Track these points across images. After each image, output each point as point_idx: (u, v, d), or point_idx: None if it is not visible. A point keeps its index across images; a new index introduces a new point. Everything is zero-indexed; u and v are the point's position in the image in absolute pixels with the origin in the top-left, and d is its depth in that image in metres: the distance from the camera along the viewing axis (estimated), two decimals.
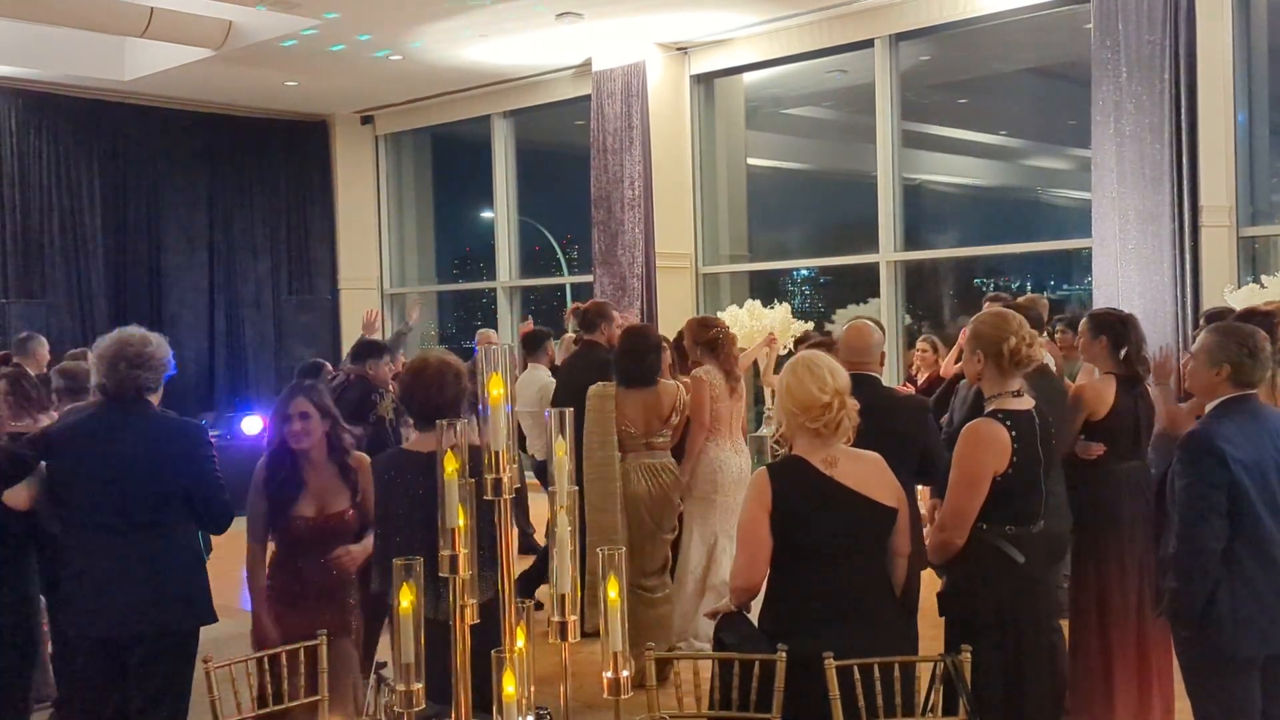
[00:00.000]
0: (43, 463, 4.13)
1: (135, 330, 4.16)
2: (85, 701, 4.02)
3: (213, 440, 4.25)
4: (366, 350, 7.06)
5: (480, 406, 2.23)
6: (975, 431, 3.54)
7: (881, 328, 5.80)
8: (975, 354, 3.64)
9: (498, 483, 2.23)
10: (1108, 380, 4.73)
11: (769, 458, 8.13)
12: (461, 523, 2.24)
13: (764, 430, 9.65)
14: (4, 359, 7.52)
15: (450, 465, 2.22)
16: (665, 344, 6.45)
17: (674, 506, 6.06)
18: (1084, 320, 4.99)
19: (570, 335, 8.41)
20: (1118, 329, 4.78)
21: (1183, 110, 7.97)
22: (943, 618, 3.64)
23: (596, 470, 5.96)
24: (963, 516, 3.50)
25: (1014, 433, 3.50)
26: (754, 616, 3.56)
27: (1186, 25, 7.95)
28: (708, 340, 6.17)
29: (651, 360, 6.09)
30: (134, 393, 4.04)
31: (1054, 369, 6.24)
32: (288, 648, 3.58)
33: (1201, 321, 5.77)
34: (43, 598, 4.79)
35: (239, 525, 4.28)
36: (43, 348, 7.72)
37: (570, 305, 8.46)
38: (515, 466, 2.29)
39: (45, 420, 5.39)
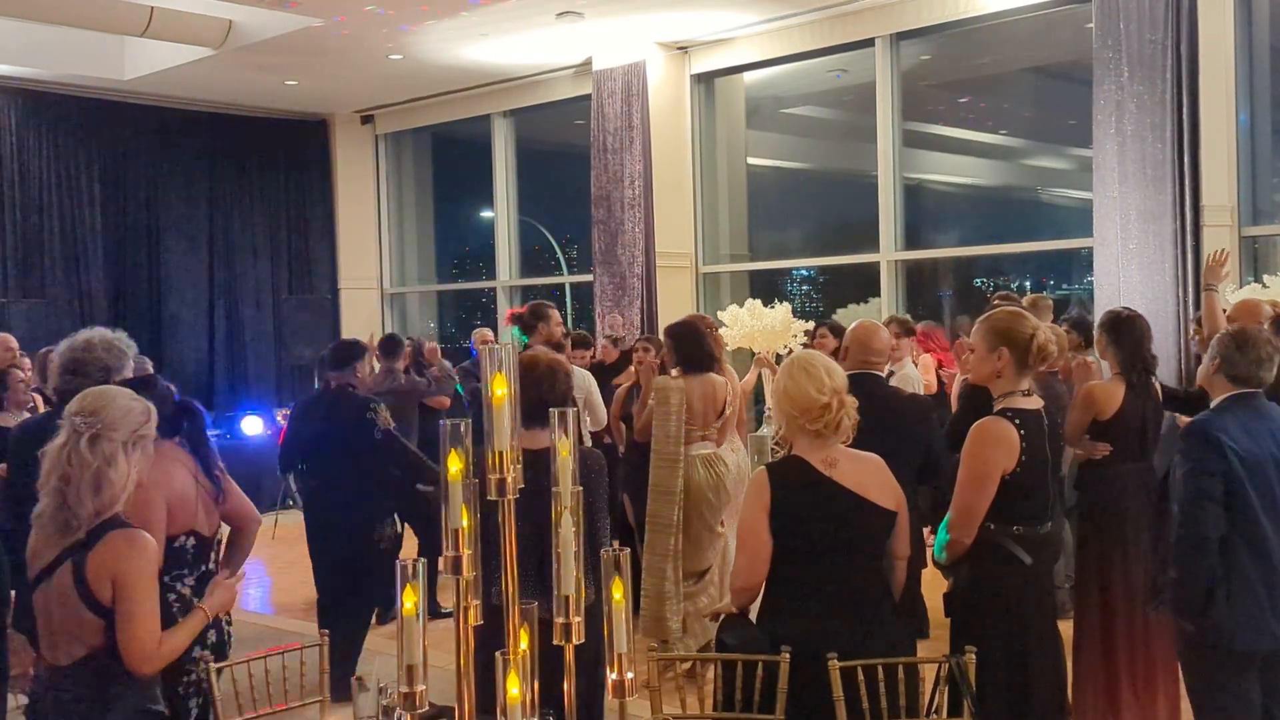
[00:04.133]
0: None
1: (83, 334, 4.10)
2: None
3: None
4: (349, 352, 6.41)
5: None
6: (984, 430, 3.51)
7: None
8: (996, 351, 3.59)
9: (501, 483, 2.22)
10: (1117, 380, 4.73)
11: (769, 458, 8.16)
12: (465, 523, 2.23)
13: (764, 430, 9.64)
14: None
15: (454, 465, 2.21)
16: (715, 332, 6.45)
17: (729, 498, 6.03)
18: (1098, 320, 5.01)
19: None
20: (1116, 328, 4.78)
21: (1184, 110, 7.95)
22: (948, 618, 3.62)
23: (666, 463, 5.89)
24: (971, 515, 3.49)
25: (1023, 431, 3.49)
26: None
27: (1188, 24, 7.94)
28: None
29: (709, 345, 6.09)
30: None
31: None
32: (288, 648, 3.58)
33: (1194, 325, 5.78)
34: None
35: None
36: (6, 349, 7.65)
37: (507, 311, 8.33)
38: (519, 466, 2.28)
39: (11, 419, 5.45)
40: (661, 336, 6.28)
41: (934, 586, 4.33)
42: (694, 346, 6.06)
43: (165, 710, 3.10)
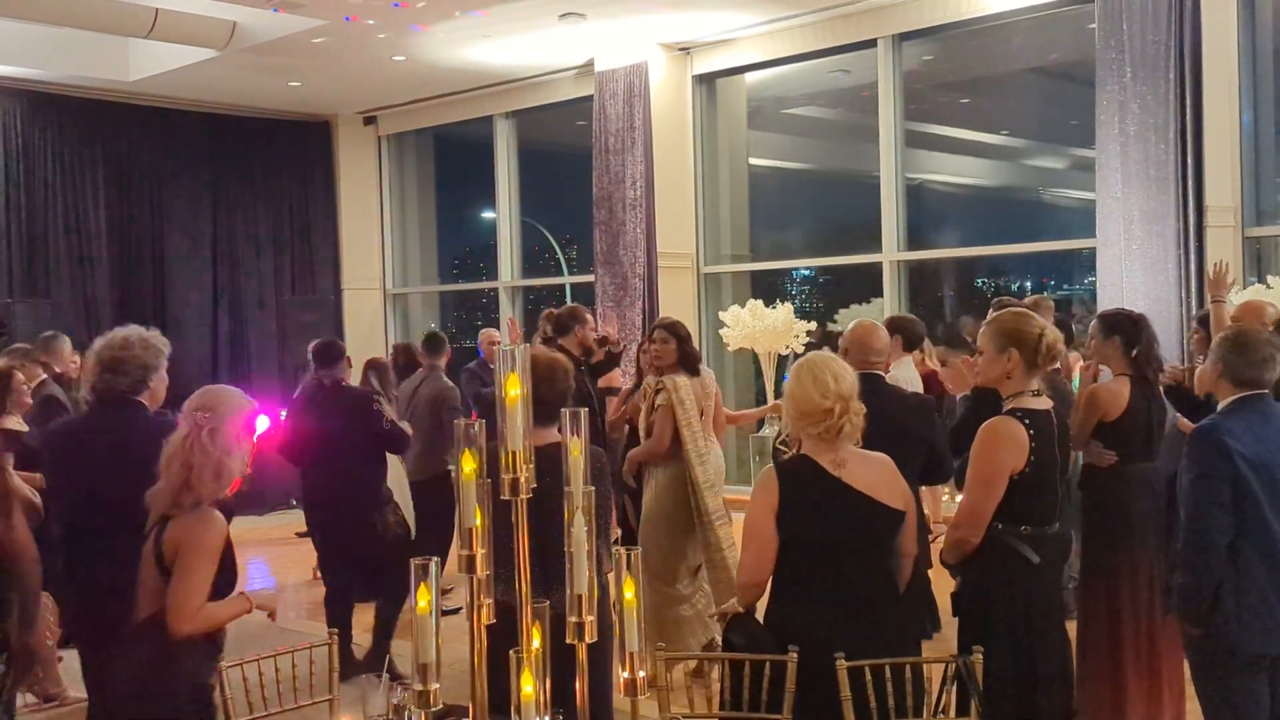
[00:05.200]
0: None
1: (120, 332, 4.12)
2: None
3: None
4: (335, 350, 6.51)
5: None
6: (993, 430, 3.52)
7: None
8: (1005, 352, 3.61)
9: (515, 483, 2.23)
10: (1122, 381, 4.73)
11: (769, 458, 8.17)
12: (478, 522, 2.24)
13: (765, 430, 9.66)
14: None
15: (468, 465, 2.22)
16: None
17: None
18: (1095, 321, 4.99)
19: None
20: (1129, 329, 4.77)
21: (1187, 110, 7.96)
22: (955, 617, 3.63)
23: (701, 457, 5.92)
24: (979, 515, 3.50)
25: (1032, 431, 3.50)
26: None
27: (1191, 25, 7.95)
28: None
29: (694, 347, 6.24)
30: (114, 396, 4.03)
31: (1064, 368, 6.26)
32: (297, 648, 3.59)
33: (1194, 324, 5.77)
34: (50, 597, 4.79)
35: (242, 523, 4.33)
36: (66, 346, 7.74)
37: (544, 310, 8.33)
38: (530, 466, 2.29)
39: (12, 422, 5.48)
40: (657, 330, 6.29)
41: (942, 585, 4.34)
42: (691, 347, 6.17)
43: (214, 684, 3.31)
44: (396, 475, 7.02)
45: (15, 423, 5.60)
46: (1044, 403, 3.61)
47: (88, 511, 3.95)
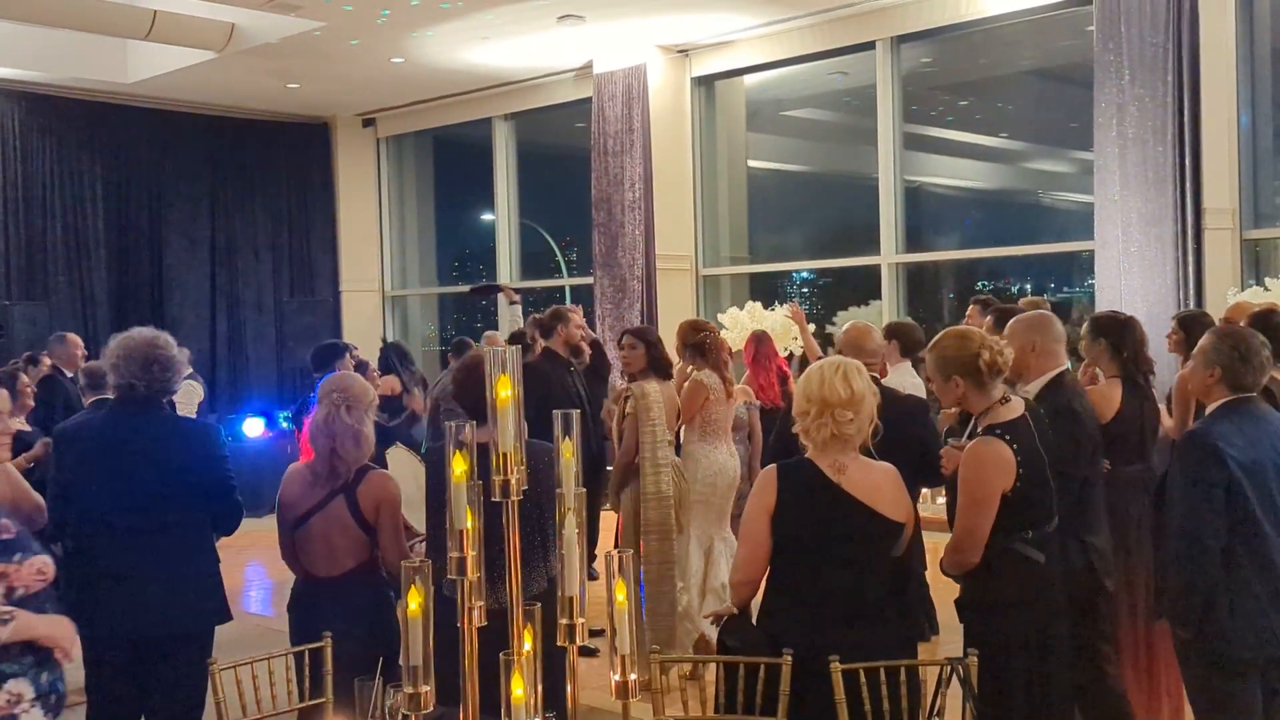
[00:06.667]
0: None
1: (157, 332, 4.14)
2: (104, 702, 4.01)
3: (225, 440, 4.30)
4: (330, 353, 6.70)
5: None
6: (978, 454, 3.48)
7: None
8: (950, 380, 3.59)
9: (505, 484, 2.23)
10: (1113, 384, 4.71)
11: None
12: (470, 524, 2.24)
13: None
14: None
15: (459, 466, 2.22)
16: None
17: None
18: (1085, 324, 4.98)
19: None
20: (1116, 331, 4.76)
21: (1185, 113, 7.97)
22: (962, 623, 3.61)
23: (658, 468, 5.84)
24: (976, 536, 3.47)
25: (1015, 446, 3.47)
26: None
27: (1189, 27, 7.96)
28: (696, 343, 6.15)
29: (664, 352, 6.14)
30: (157, 394, 4.05)
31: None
32: (294, 649, 3.59)
33: (1174, 324, 5.75)
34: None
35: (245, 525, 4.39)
36: (76, 347, 7.77)
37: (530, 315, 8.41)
38: (524, 468, 2.28)
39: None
40: (625, 336, 6.24)
41: (940, 587, 4.32)
42: (662, 353, 6.12)
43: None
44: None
45: (17, 422, 5.69)
46: (1015, 408, 3.58)
47: (118, 505, 3.95)
